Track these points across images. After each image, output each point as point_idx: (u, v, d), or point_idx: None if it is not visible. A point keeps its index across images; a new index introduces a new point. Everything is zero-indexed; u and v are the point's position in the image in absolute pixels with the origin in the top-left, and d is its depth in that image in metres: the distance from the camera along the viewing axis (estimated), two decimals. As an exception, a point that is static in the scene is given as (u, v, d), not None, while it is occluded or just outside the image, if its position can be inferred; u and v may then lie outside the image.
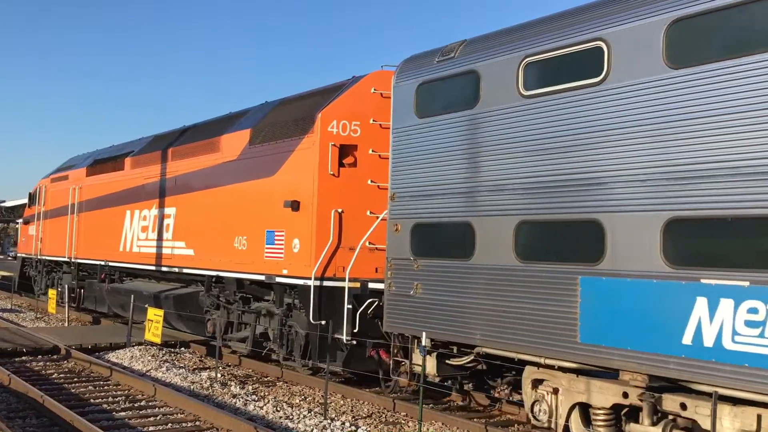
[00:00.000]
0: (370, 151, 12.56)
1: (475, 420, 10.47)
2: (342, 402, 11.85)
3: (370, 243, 12.32)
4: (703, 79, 7.26)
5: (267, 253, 13.62)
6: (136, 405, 11.10)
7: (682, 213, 7.30)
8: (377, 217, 12.40)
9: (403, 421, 10.67)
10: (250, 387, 12.70)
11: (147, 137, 20.43)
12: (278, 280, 13.23)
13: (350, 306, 11.92)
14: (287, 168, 13.26)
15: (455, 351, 10.22)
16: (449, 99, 10.08)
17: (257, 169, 14.12)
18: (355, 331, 11.86)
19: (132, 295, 17.42)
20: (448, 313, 9.73)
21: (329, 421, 10.29)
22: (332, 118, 12.59)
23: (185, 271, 16.39)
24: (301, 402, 11.80)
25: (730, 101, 7.03)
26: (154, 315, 15.43)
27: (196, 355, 15.95)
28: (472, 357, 9.91)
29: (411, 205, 10.51)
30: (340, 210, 12.46)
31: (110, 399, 11.47)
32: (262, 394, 12.21)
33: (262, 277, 13.65)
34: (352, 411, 11.27)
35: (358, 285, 12.24)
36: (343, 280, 12.35)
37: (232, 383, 12.79)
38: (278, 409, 10.93)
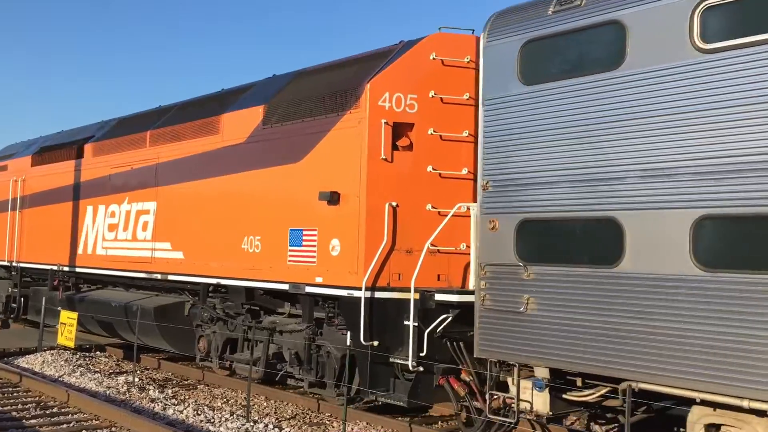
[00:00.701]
0: (430, 132, 10.20)
1: (399, 418, 10.31)
2: (265, 404, 11.67)
3: (431, 245, 10.00)
4: None
5: (291, 256, 11.08)
6: (47, 412, 10.69)
7: None
8: (438, 212, 10.08)
9: (327, 422, 10.60)
10: (170, 390, 12.48)
11: (109, 120, 17.45)
12: (309, 290, 10.72)
13: (416, 323, 9.54)
14: (320, 152, 10.76)
15: (578, 383, 7.99)
16: (575, 60, 7.84)
17: (275, 154, 11.56)
18: (422, 354, 9.48)
19: (102, 306, 14.56)
20: (579, 337, 7.49)
21: (252, 423, 10.12)
22: (384, 90, 10.17)
23: (171, 278, 13.63)
24: (223, 405, 11.60)
25: None
26: (68, 318, 14.60)
27: (113, 359, 15.70)
28: (604, 391, 7.72)
29: (515, 196, 8.23)
30: (394, 203, 10.06)
31: (20, 406, 10.99)
32: (182, 397, 11.99)
33: (285, 286, 11.11)
34: (275, 413, 11.13)
35: (417, 296, 9.89)
36: (399, 290, 9.98)
37: (151, 387, 12.56)
38: (199, 412, 10.70)
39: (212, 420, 10.29)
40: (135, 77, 56.59)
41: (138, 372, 13.60)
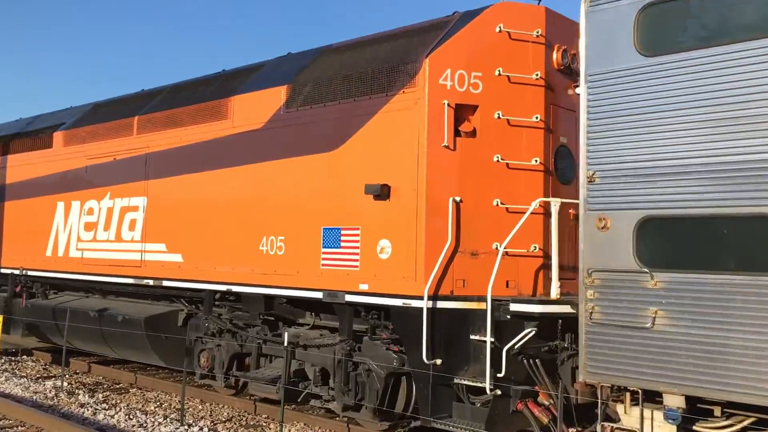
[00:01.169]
0: (497, 115, 8.81)
1: (337, 419, 10.09)
2: (200, 407, 11.42)
3: (500, 246, 8.63)
4: None
5: (326, 259, 9.54)
6: (-31, 419, 10.21)
7: None
8: (506, 209, 8.73)
9: (264, 423, 10.45)
10: (101, 395, 12.09)
11: (81, 106, 15.49)
12: (350, 298, 9.20)
13: (493, 339, 8.13)
14: (362, 138, 9.26)
15: (716, 412, 6.72)
16: (717, 24, 6.55)
17: (303, 142, 9.99)
18: (499, 375, 8.08)
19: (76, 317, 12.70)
20: (730, 359, 6.21)
21: (186, 427, 9.95)
22: (445, 66, 8.74)
23: (167, 284, 11.89)
24: (157, 409, 11.27)
25: None
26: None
27: (40, 363, 15.11)
28: (749, 422, 6.47)
29: (632, 189, 6.90)
30: (458, 198, 8.64)
31: (-63, 414, 10.43)
32: (113, 401, 11.63)
33: (318, 295, 9.56)
34: (211, 415, 10.90)
35: (483, 306, 8.51)
36: (463, 299, 8.58)
37: (81, 392, 12.16)
38: (131, 417, 10.46)
39: (145, 424, 10.03)
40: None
41: (67, 376, 13.34)
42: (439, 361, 8.42)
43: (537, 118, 8.88)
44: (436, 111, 8.65)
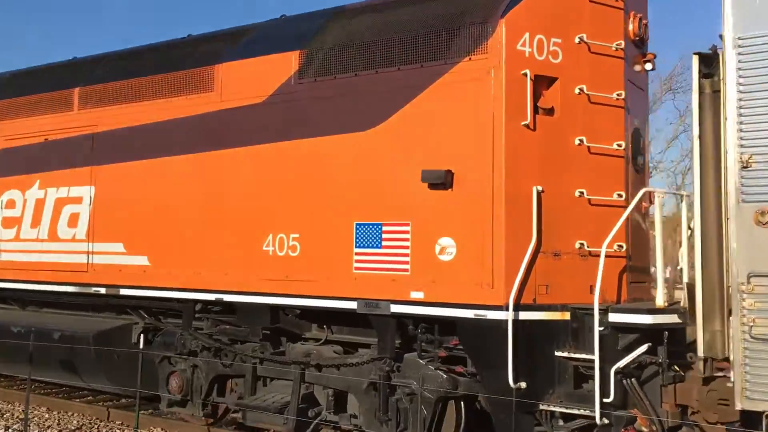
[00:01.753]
0: (577, 90, 7.45)
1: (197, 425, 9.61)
2: (47, 415, 10.63)
3: (583, 245, 7.33)
4: None
5: (362, 261, 7.85)
6: None
7: None
8: (589, 200, 7.43)
9: (118, 430, 9.98)
10: None
11: (-5, 75, 12.79)
12: (398, 309, 7.57)
13: (594, 356, 6.76)
14: (411, 115, 7.64)
15: None
16: None
17: (324, 119, 8.22)
18: (606, 400, 6.72)
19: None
20: None
21: None
22: (524, 29, 7.28)
23: (126, 292, 9.72)
24: None
25: None
26: None
27: None
28: None
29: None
30: (540, 188, 7.21)
31: None
32: None
33: (350, 304, 7.85)
34: (58, 424, 10.19)
35: (566, 316, 7.17)
36: (547, 308, 7.18)
37: None
38: None
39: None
40: None
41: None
42: (524, 385, 6.96)
43: (618, 95, 7.60)
44: (515, 83, 7.18)
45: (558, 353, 7.15)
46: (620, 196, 7.54)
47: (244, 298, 8.68)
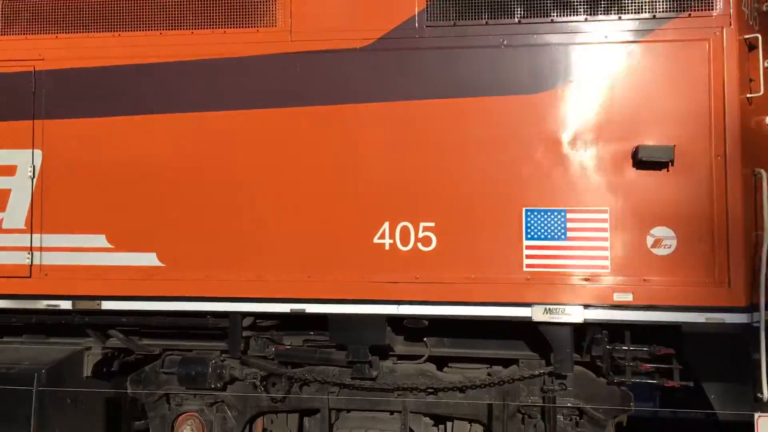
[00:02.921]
0: (772, 59, 6.69)
1: None
2: None
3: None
4: None
5: (535, 257, 6.25)
6: None
7: None
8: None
9: None
10: None
11: None
12: (594, 315, 6.16)
13: None
14: (600, 78, 6.24)
15: None
16: None
17: (466, 76, 6.37)
18: None
19: None
20: None
21: None
22: (745, -16, 6.31)
23: (113, 306, 6.73)
24: None
25: None
26: None
27: None
28: None
29: None
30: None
31: None
32: None
33: (523, 311, 6.22)
34: None
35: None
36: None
37: None
38: None
39: None
40: None
41: None
42: (768, 396, 6.07)
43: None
44: (744, 46, 6.21)
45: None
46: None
47: (345, 309, 6.46)
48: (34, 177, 6.90)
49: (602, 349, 6.38)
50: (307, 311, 6.51)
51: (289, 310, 6.53)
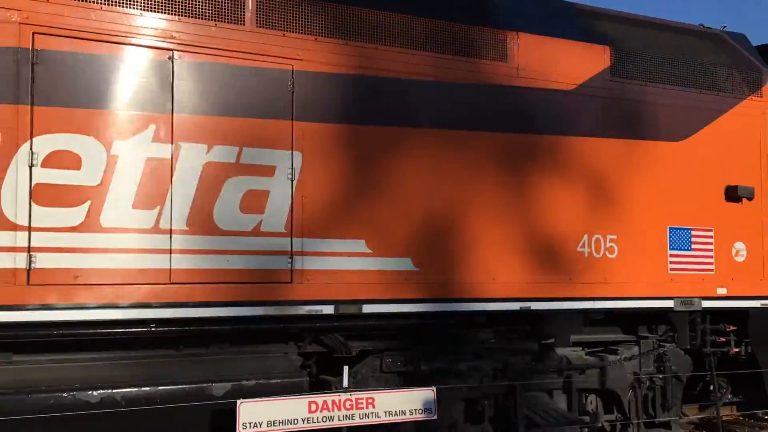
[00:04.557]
0: None
1: None
2: None
3: None
4: None
5: (675, 263, 8.48)
6: None
7: None
8: None
9: None
10: None
11: None
12: (707, 304, 8.62)
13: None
14: (711, 134, 8.76)
15: None
16: None
17: (636, 123, 8.32)
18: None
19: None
20: None
21: None
22: (776, 86, 9.39)
23: (392, 309, 6.96)
24: None
25: None
26: None
27: None
28: None
29: None
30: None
31: None
32: None
33: (668, 303, 8.41)
34: None
35: None
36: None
37: None
38: None
39: None
40: None
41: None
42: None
43: None
44: (780, 127, 9.30)
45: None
46: None
47: (558, 305, 7.80)
48: (293, 180, 6.70)
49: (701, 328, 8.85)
50: (531, 308, 7.68)
51: (518, 308, 7.62)
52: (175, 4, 6.38)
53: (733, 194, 8.78)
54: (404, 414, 6.43)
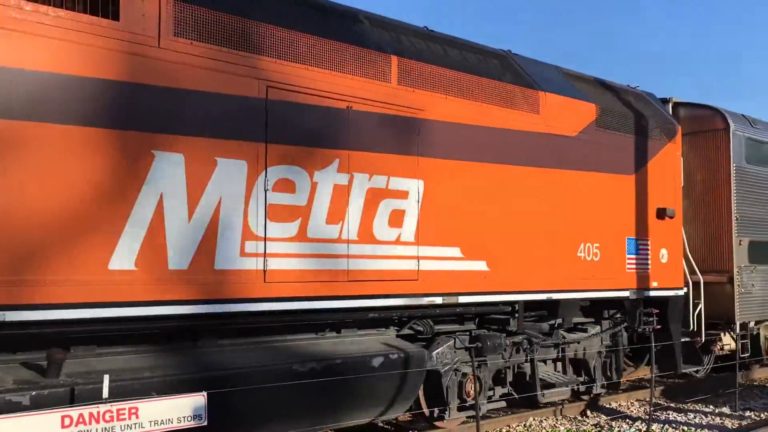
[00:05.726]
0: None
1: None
2: None
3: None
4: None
5: (630, 264, 11.59)
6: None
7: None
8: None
9: None
10: None
11: None
12: (648, 294, 11.84)
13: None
14: (650, 168, 11.99)
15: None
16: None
17: (610, 161, 11.29)
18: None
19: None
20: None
21: None
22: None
23: (465, 299, 9.24)
24: None
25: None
26: None
27: None
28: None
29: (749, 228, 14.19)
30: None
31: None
32: None
33: (626, 293, 11.49)
34: None
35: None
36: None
37: None
38: None
39: None
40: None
41: None
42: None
43: (642, 168, 13.88)
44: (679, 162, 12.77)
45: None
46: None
47: (566, 295, 10.56)
48: (419, 201, 8.80)
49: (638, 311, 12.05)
50: (553, 298, 10.37)
51: (545, 298, 10.28)
52: (353, 68, 8.23)
53: (661, 214, 12.06)
54: (171, 422, 6.10)
